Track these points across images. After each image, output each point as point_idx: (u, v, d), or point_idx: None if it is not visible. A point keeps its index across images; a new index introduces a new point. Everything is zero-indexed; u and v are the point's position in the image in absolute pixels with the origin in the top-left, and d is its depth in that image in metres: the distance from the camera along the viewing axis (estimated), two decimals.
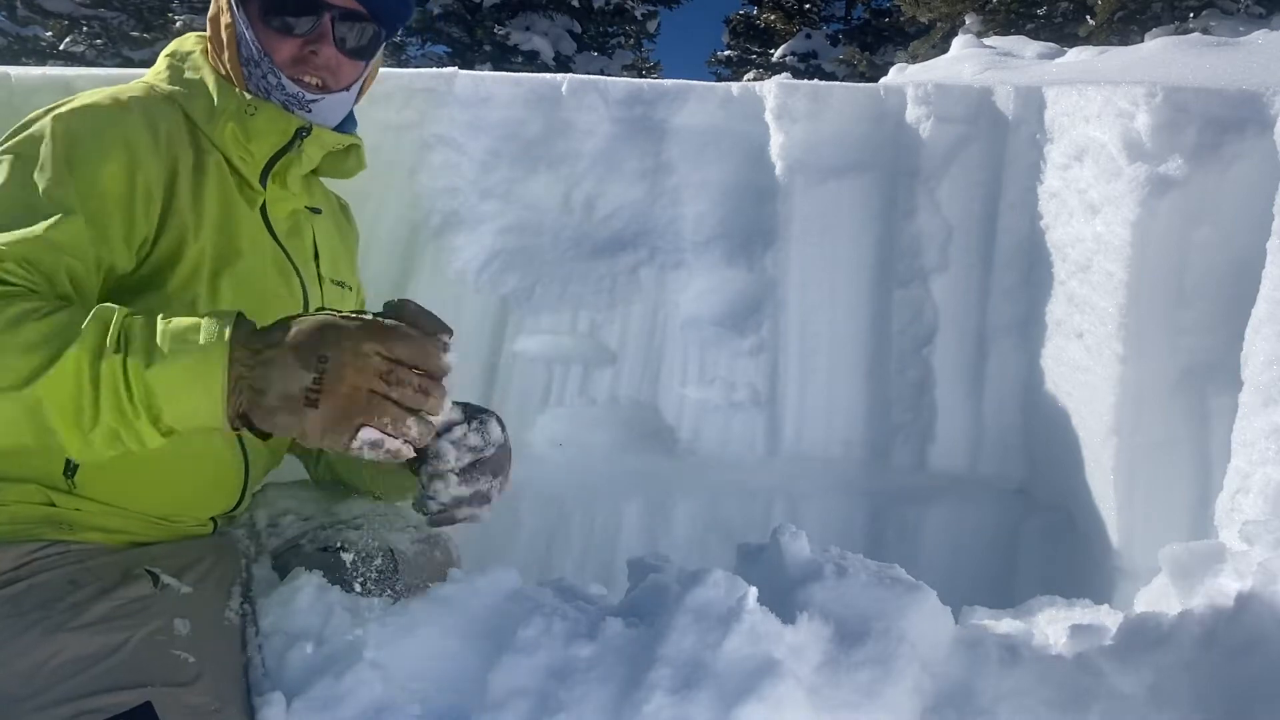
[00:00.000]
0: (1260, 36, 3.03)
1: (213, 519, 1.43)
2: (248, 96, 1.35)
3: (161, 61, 1.42)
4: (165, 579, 1.23)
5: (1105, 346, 2.07)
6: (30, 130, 1.20)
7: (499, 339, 2.54)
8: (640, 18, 15.05)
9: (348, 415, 0.95)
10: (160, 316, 0.99)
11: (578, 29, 13.85)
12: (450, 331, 1.03)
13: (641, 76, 12.19)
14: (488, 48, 12.67)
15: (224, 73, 1.39)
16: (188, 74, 1.38)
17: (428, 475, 1.20)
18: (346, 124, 1.53)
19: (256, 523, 1.56)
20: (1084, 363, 2.16)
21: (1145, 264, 1.98)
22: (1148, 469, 2.04)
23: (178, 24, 13.01)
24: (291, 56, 1.36)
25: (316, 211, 1.55)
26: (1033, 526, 2.42)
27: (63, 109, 1.22)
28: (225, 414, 0.96)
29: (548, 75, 2.68)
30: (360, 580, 1.43)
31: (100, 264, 1.18)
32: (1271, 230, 1.72)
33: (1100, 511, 2.13)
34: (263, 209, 1.40)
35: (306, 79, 1.37)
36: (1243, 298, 1.81)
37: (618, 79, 2.76)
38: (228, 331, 0.95)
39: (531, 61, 12.70)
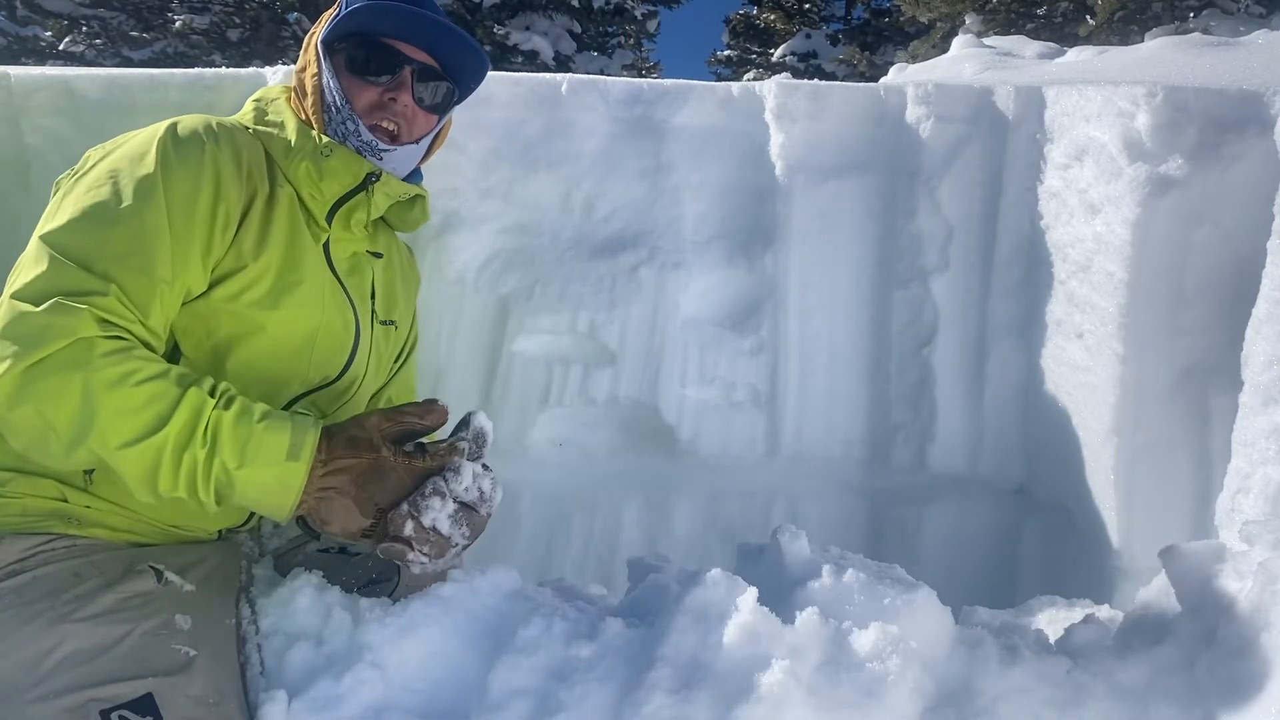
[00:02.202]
0: (1260, 36, 3.03)
1: (219, 531, 1.44)
2: (324, 139, 1.43)
3: (248, 105, 1.52)
4: (169, 575, 1.25)
5: (1105, 346, 2.07)
6: (133, 153, 1.28)
7: (499, 339, 2.54)
8: (640, 18, 15.04)
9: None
10: (255, 415, 1.15)
11: (578, 29, 13.84)
12: (481, 437, 1.25)
13: (641, 76, 12.19)
14: (488, 47, 12.67)
15: (304, 118, 1.47)
16: (270, 115, 1.48)
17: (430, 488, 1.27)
18: (414, 177, 1.62)
19: (260, 524, 1.56)
20: (1084, 363, 2.16)
21: (1145, 264, 1.98)
22: (1148, 469, 2.04)
23: (177, 24, 13.01)
24: (371, 103, 1.46)
25: (378, 256, 1.61)
26: (1033, 526, 2.42)
27: (161, 136, 1.30)
28: (288, 517, 1.16)
29: (548, 75, 2.68)
30: (361, 581, 1.44)
31: (182, 289, 1.28)
32: (1271, 230, 1.72)
33: (1100, 511, 2.13)
34: (326, 246, 1.47)
35: (384, 125, 1.47)
36: (1243, 298, 1.81)
37: (618, 79, 2.75)
38: (309, 454, 1.14)
39: (531, 61, 12.70)
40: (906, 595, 1.22)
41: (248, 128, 1.44)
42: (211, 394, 1.15)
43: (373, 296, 1.57)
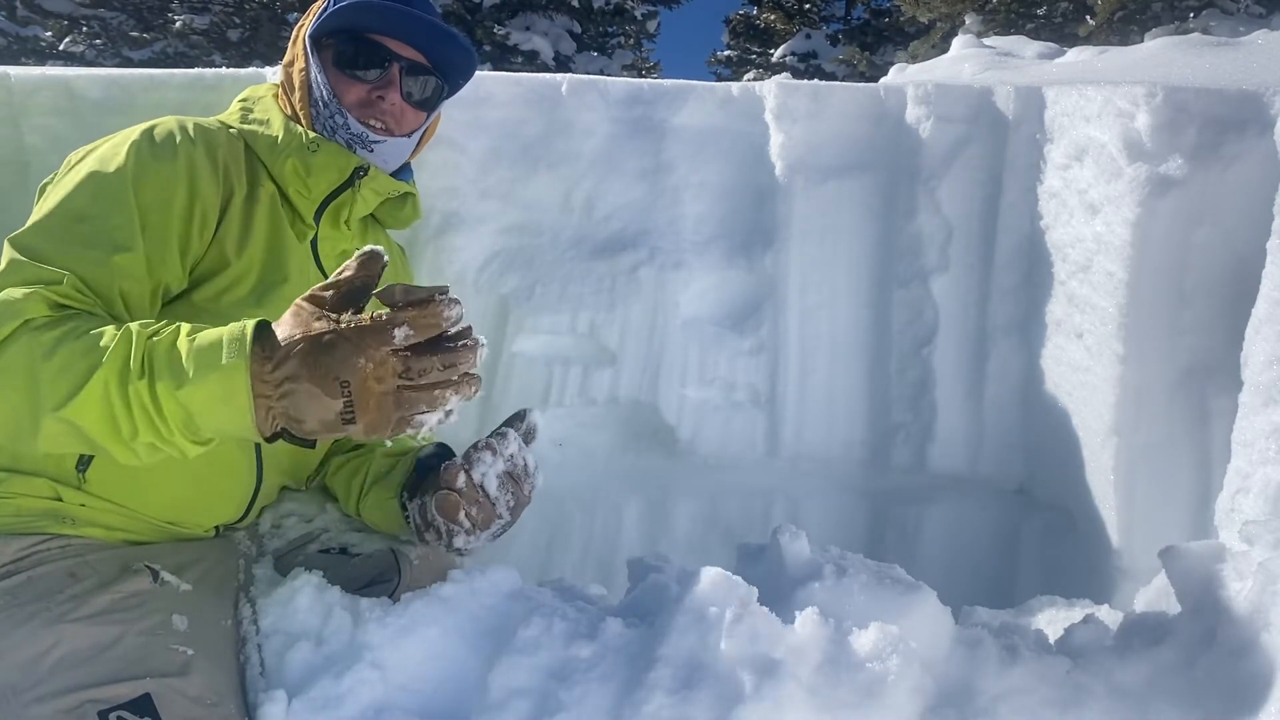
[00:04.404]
0: (1260, 36, 3.03)
1: (216, 527, 1.44)
2: (311, 135, 1.42)
3: (234, 104, 1.51)
4: (165, 575, 1.24)
5: (1105, 346, 2.07)
6: (105, 155, 1.28)
7: (499, 339, 2.54)
8: (640, 18, 15.05)
9: (386, 418, 1.02)
10: (183, 335, 1.05)
11: (578, 29, 13.84)
12: (445, 288, 1.06)
13: (641, 76, 12.18)
14: (487, 48, 12.66)
15: (291, 113, 1.47)
16: (255, 113, 1.47)
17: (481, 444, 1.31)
18: (403, 174, 1.61)
19: (259, 524, 1.56)
20: (1084, 363, 2.16)
21: (1145, 264, 1.98)
22: (1148, 469, 2.04)
23: (177, 24, 13.02)
24: (359, 100, 1.45)
25: None
26: (1033, 526, 2.42)
27: (136, 138, 1.29)
28: (255, 427, 1.03)
29: (548, 75, 2.68)
30: (361, 581, 1.44)
31: (158, 288, 1.26)
32: (1271, 230, 1.72)
33: (1100, 511, 2.13)
34: (314, 244, 1.46)
35: (372, 123, 1.46)
36: (1243, 298, 1.81)
37: (618, 79, 2.75)
38: (246, 349, 1.01)
39: (531, 61, 12.70)
40: (906, 595, 1.22)
41: (230, 127, 1.44)
42: (146, 328, 1.08)
43: None
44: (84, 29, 13.56)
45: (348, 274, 1.06)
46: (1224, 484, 1.79)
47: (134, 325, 1.07)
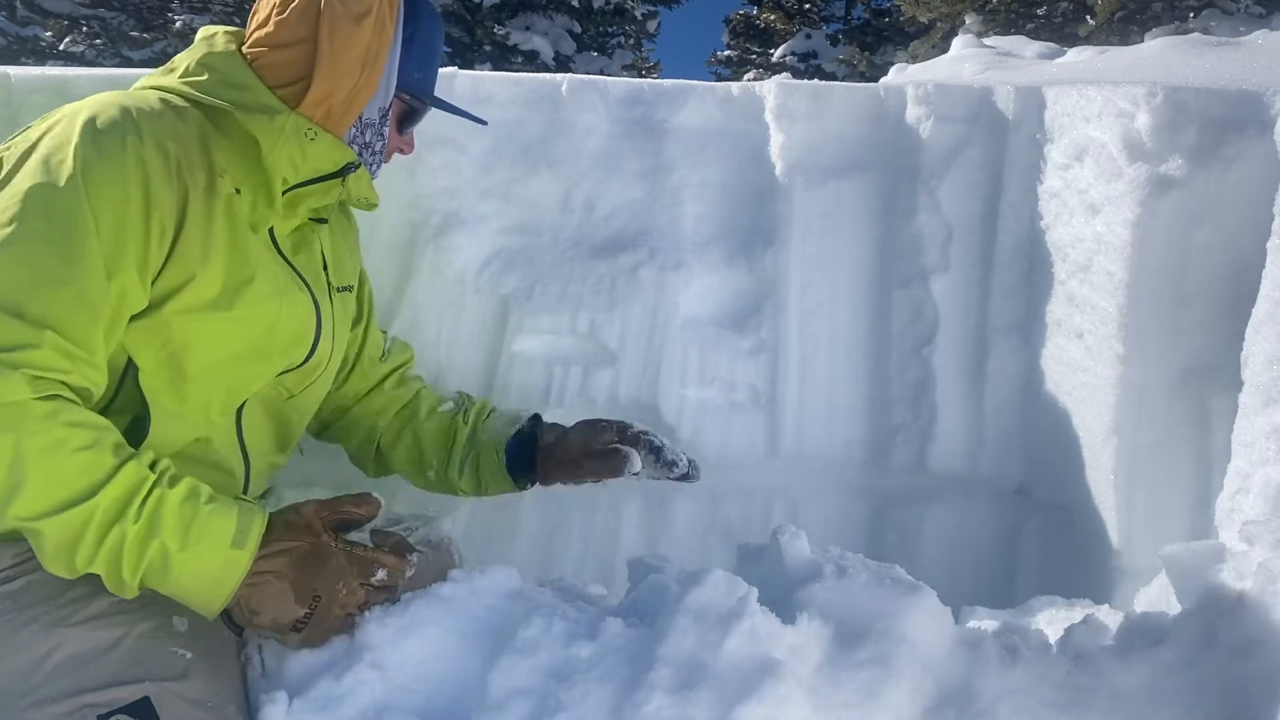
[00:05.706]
0: (1260, 36, 3.03)
1: None
2: (307, 122, 1.35)
3: (198, 68, 1.37)
4: None
5: (1105, 346, 2.07)
6: (49, 159, 1.18)
7: (499, 339, 2.54)
8: (640, 18, 15.06)
9: (323, 636, 1.19)
10: (194, 499, 1.12)
11: (578, 29, 13.84)
12: (423, 549, 1.35)
13: (641, 76, 12.19)
14: (487, 48, 12.67)
15: (262, 77, 1.37)
16: (232, 77, 1.36)
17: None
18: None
19: None
20: (1084, 363, 2.16)
21: (1145, 264, 1.98)
22: (1148, 469, 2.04)
23: (177, 24, 13.02)
24: (394, 149, 1.62)
25: (322, 221, 1.57)
26: (1033, 526, 2.42)
27: (78, 140, 1.19)
28: (217, 609, 1.14)
29: (548, 75, 2.68)
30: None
31: (123, 313, 1.21)
32: (1271, 230, 1.72)
33: (1100, 511, 2.13)
34: (270, 231, 1.42)
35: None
36: (1243, 298, 1.81)
37: (618, 79, 2.75)
38: (255, 542, 1.12)
39: (531, 61, 12.71)
40: (907, 595, 1.22)
41: (187, 101, 1.34)
42: (151, 468, 1.12)
43: (325, 268, 1.55)
44: (84, 29, 13.55)
45: (354, 511, 1.24)
46: (1224, 484, 1.79)
47: (141, 464, 1.11)
